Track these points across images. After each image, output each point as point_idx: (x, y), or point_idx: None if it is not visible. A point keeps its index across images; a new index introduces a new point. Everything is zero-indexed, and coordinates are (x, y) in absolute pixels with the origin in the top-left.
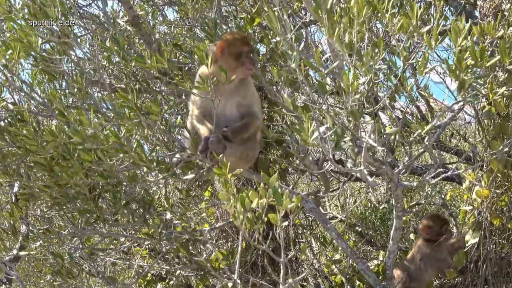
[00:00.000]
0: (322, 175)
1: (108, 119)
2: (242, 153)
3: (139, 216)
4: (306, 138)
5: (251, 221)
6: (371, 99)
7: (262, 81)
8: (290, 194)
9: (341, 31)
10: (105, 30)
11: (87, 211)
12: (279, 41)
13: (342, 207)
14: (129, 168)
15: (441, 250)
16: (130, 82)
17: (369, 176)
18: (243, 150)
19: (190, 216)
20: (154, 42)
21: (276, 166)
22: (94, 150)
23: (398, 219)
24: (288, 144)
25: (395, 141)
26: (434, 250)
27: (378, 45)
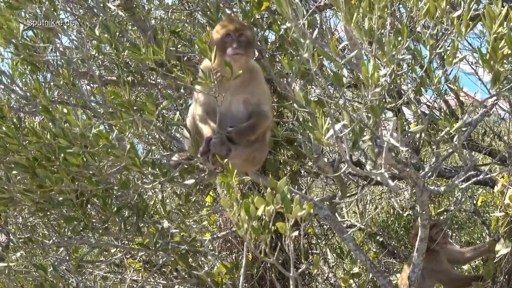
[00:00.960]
0: (338, 178)
1: (97, 115)
2: (248, 155)
3: (132, 224)
4: (320, 137)
5: (256, 231)
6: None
7: (270, 72)
8: (301, 200)
9: (359, 17)
10: (94, 16)
11: (74, 219)
12: (289, 27)
13: (361, 214)
14: (121, 171)
15: (438, 260)
16: (122, 74)
17: (391, 179)
18: (249, 153)
19: (189, 224)
20: (149, 29)
21: (287, 168)
22: (82, 152)
23: (423, 228)
24: (300, 144)
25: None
26: (431, 260)
27: (402, 32)
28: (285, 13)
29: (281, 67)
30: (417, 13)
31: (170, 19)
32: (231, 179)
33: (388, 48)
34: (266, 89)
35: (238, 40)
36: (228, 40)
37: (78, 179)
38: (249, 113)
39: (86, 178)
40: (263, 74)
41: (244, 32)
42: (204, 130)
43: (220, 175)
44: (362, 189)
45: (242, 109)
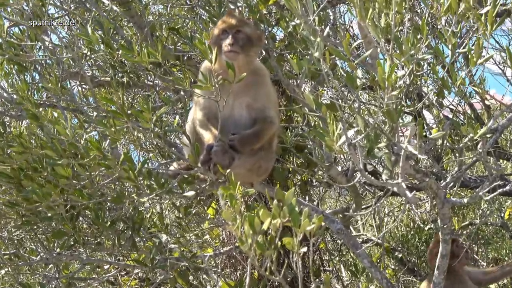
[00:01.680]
0: (352, 189)
1: (89, 120)
2: (253, 165)
3: (127, 238)
4: (331, 144)
5: (262, 246)
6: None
7: (278, 73)
8: (311, 213)
9: (375, 12)
10: (87, 11)
11: (64, 233)
12: (299, 24)
13: (378, 227)
14: (115, 181)
15: (462, 280)
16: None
17: (409, 190)
18: (254, 162)
19: (189, 238)
20: (146, 26)
21: (296, 178)
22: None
23: (445, 243)
24: (311, 151)
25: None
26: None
27: (421, 29)
28: (294, 8)
29: (289, 67)
30: (438, 8)
31: (169, 15)
32: (234, 191)
33: (407, 47)
34: (271, 92)
35: (235, 37)
36: (224, 37)
37: (68, 191)
38: (253, 119)
39: (76, 191)
40: (270, 75)
41: (242, 28)
42: (205, 136)
43: (222, 186)
44: (379, 200)
45: (245, 114)
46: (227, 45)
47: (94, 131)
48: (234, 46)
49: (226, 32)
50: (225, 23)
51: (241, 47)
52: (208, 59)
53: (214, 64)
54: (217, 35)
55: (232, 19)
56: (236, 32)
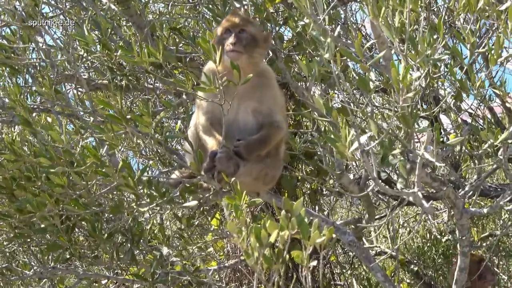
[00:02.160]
0: (365, 198)
1: (85, 126)
2: (259, 172)
3: (126, 251)
4: (343, 150)
5: (269, 260)
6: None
7: (286, 75)
8: (321, 224)
9: (389, 11)
10: (83, 10)
11: (59, 246)
12: (308, 23)
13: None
14: (113, 190)
15: None
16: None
17: (426, 200)
18: (261, 169)
19: (192, 251)
20: (146, 25)
21: (305, 186)
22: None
23: (463, 256)
24: (321, 158)
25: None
26: None
27: (438, 28)
28: (303, 7)
29: (298, 69)
30: (456, 5)
31: (170, 14)
32: (240, 200)
33: (422, 47)
34: (278, 95)
35: (238, 37)
36: (227, 36)
37: (63, 201)
38: (260, 124)
39: (72, 200)
40: (277, 77)
41: (246, 27)
42: (208, 143)
43: (227, 195)
44: (393, 210)
45: (251, 119)
46: (229, 44)
47: (91, 137)
48: (237, 45)
49: (229, 31)
50: (229, 22)
51: (244, 47)
52: (211, 59)
53: (218, 64)
54: (220, 35)
55: (236, 18)
56: (239, 31)
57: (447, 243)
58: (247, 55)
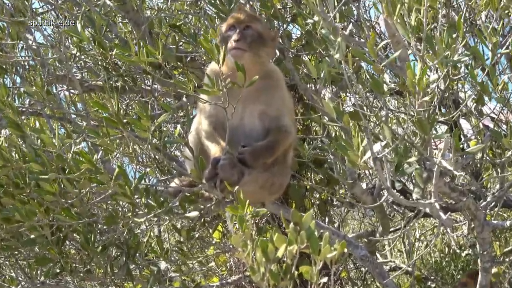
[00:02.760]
0: (379, 209)
1: (78, 130)
2: (265, 181)
3: (121, 266)
4: (355, 159)
5: (276, 276)
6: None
7: (294, 77)
8: (332, 238)
9: (405, 8)
10: (76, 5)
11: (49, 259)
12: (317, 21)
13: (408, 253)
14: (107, 200)
15: None
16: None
17: (443, 211)
18: (267, 178)
19: (192, 266)
20: (143, 22)
21: (315, 197)
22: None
23: (484, 272)
24: (331, 166)
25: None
26: None
27: (457, 27)
28: (312, 3)
29: (307, 70)
30: (477, 2)
31: (169, 10)
32: (244, 211)
33: (440, 47)
34: (287, 98)
35: (242, 33)
36: (231, 33)
37: (54, 210)
38: (266, 128)
39: (63, 210)
40: (285, 79)
41: (252, 24)
42: (210, 149)
43: (230, 205)
44: (409, 222)
45: (257, 123)
46: (232, 41)
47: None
48: (241, 42)
49: (234, 27)
50: (233, 18)
51: (249, 44)
52: (214, 59)
53: (221, 65)
54: (225, 32)
55: (241, 14)
56: (245, 28)
57: (467, 258)
58: (252, 53)
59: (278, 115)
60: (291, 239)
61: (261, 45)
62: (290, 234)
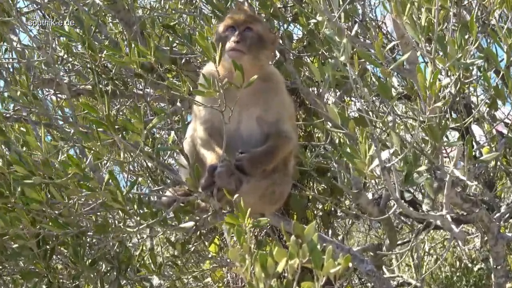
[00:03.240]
0: (386, 221)
1: (66, 137)
2: (265, 190)
3: (112, 281)
4: (361, 167)
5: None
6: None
7: (296, 80)
8: (336, 251)
9: (414, 7)
10: (63, 4)
11: (35, 274)
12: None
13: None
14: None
15: None
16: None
17: (455, 223)
18: (267, 186)
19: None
20: (135, 22)
21: (317, 207)
22: (45, 185)
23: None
24: (335, 175)
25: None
26: None
27: (470, 27)
28: (315, 2)
29: (309, 72)
30: (490, 1)
31: (163, 9)
32: (243, 222)
33: (452, 49)
34: (287, 102)
35: (242, 35)
36: (229, 35)
37: (41, 220)
38: (265, 134)
39: (50, 219)
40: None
41: (252, 25)
42: (206, 157)
43: (228, 216)
44: (418, 235)
45: (255, 129)
46: (231, 42)
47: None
48: (240, 44)
49: (232, 28)
50: (232, 18)
51: (249, 47)
52: (210, 58)
53: (218, 65)
54: (222, 32)
55: (241, 14)
56: (245, 29)
57: (479, 272)
58: (251, 56)
59: (278, 120)
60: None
61: (261, 47)
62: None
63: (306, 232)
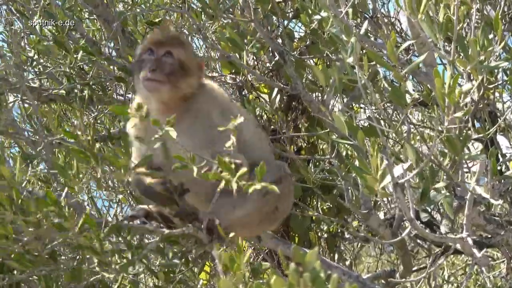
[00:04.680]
0: (400, 244)
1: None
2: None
3: None
4: (372, 184)
5: None
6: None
7: (297, 85)
8: (342, 279)
9: (431, 3)
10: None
11: None
12: (326, 18)
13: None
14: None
15: None
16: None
17: (477, 248)
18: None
19: None
20: (115, 19)
21: (322, 228)
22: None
23: None
24: (342, 192)
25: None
26: None
27: (494, 25)
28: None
29: (313, 76)
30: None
31: (146, 4)
32: (239, 255)
33: (474, 50)
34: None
35: (160, 61)
36: (147, 58)
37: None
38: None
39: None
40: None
41: (173, 49)
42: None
43: (225, 256)
44: (436, 260)
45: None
46: (147, 69)
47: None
48: (157, 73)
49: (151, 51)
50: (151, 39)
51: (168, 75)
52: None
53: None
54: (139, 55)
55: (162, 35)
56: (165, 53)
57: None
58: (170, 85)
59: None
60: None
61: (183, 76)
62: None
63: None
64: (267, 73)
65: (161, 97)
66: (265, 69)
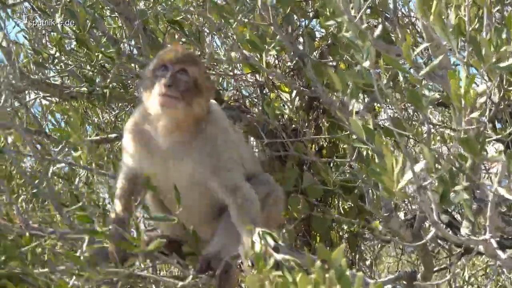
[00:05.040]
0: (421, 246)
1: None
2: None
3: None
4: (390, 186)
5: None
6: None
7: (317, 87)
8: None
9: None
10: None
11: None
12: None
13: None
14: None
15: None
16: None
17: (500, 249)
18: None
19: None
20: (137, 17)
21: (343, 228)
22: None
23: None
24: (362, 193)
25: None
26: None
27: (509, 24)
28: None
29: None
30: None
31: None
32: None
33: (488, 52)
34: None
35: (175, 77)
36: (161, 75)
37: None
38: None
39: None
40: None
41: (188, 67)
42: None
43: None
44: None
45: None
46: (162, 85)
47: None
48: (173, 89)
49: (165, 68)
50: (166, 57)
51: (182, 93)
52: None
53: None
54: (153, 70)
55: (177, 52)
56: (179, 70)
57: None
58: (185, 103)
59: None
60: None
61: (196, 95)
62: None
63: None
64: (288, 72)
65: (175, 114)
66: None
